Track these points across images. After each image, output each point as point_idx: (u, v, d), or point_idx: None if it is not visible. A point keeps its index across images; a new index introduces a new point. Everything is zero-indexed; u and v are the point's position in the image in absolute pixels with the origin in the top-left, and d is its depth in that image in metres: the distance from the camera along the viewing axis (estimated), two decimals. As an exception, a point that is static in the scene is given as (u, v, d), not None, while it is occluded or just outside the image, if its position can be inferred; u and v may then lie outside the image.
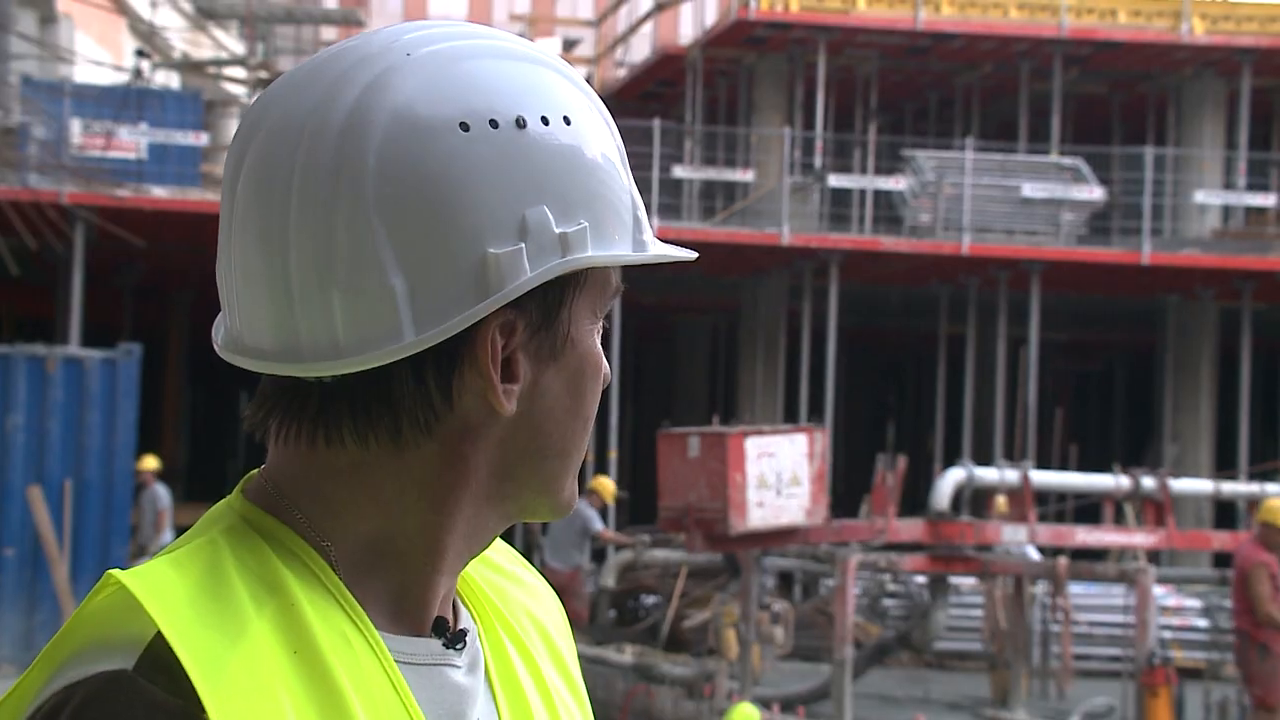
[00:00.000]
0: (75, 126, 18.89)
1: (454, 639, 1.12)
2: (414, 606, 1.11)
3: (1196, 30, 22.27)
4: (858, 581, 14.48)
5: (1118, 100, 24.77)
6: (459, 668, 1.12)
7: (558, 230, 1.07)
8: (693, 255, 1.15)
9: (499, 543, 1.26)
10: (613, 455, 20.00)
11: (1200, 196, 22.14)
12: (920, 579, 14.83)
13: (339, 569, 1.08)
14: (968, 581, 15.28)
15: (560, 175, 1.07)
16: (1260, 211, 22.82)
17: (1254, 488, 13.55)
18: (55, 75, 21.48)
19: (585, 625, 14.36)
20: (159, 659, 1.00)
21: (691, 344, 26.87)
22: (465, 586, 1.19)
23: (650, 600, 15.86)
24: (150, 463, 15.84)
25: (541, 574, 1.29)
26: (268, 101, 1.09)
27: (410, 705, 1.07)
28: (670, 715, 12.23)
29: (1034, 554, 13.58)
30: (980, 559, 12.35)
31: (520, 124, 1.07)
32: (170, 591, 1.02)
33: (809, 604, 16.27)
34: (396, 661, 1.08)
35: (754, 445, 11.11)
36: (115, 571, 1.04)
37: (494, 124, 1.06)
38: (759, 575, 12.54)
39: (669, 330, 27.18)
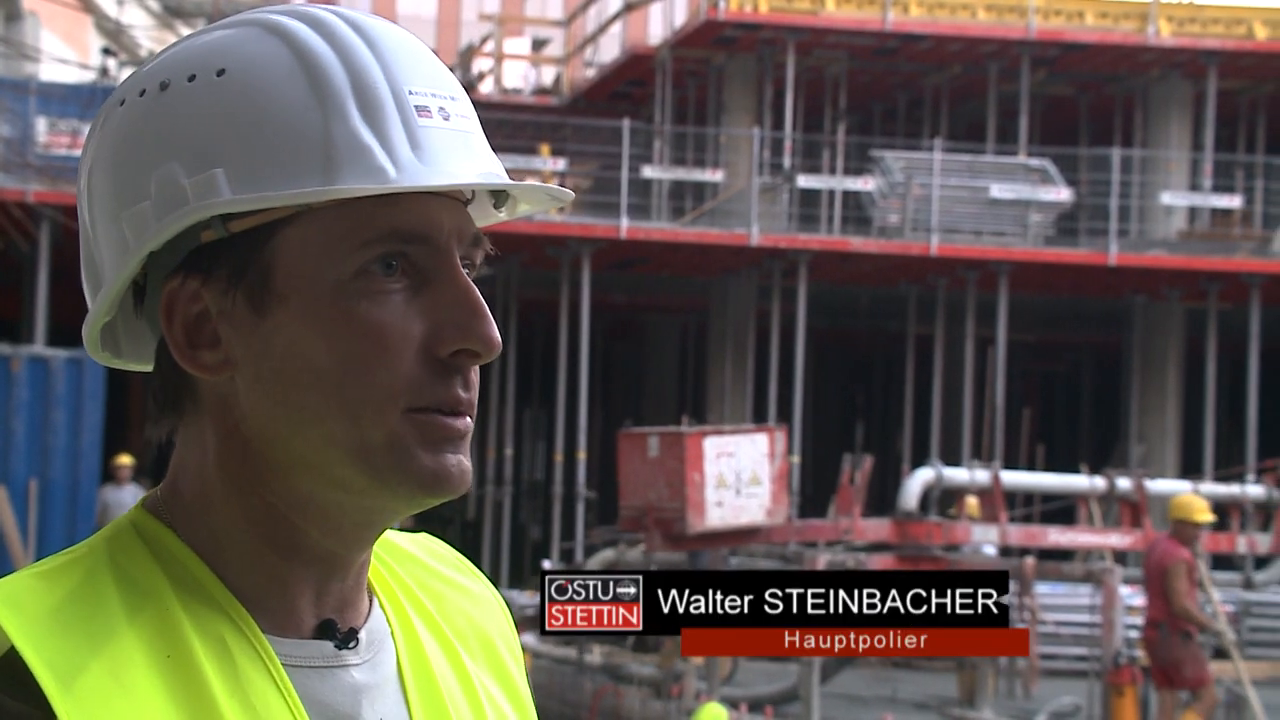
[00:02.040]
0: (41, 125, 18.78)
1: (345, 639, 1.10)
2: (286, 604, 1.09)
3: (1163, 32, 22.39)
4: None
5: (1085, 102, 24.87)
6: (354, 666, 1.10)
7: (183, 182, 1.05)
8: (352, 190, 1.04)
9: (444, 550, 1.24)
10: (581, 456, 19.99)
11: (1166, 198, 22.25)
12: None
13: (218, 569, 1.07)
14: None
15: (196, 127, 1.05)
16: (1226, 213, 22.95)
17: (1233, 489, 13.56)
18: (20, 73, 21.35)
19: None
20: (13, 669, 1.00)
21: (660, 344, 26.87)
22: (385, 585, 1.17)
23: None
24: (127, 460, 15.81)
25: None
26: None
27: (297, 709, 1.06)
28: (638, 715, 12.23)
29: (992, 552, 13.62)
30: (947, 559, 12.38)
31: (164, 86, 1.07)
32: (31, 602, 1.02)
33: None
34: (286, 665, 1.07)
35: (712, 445, 11.12)
36: None
37: (142, 93, 1.08)
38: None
39: (638, 330, 27.18)
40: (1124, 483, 13.02)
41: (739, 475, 11.10)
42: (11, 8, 22.93)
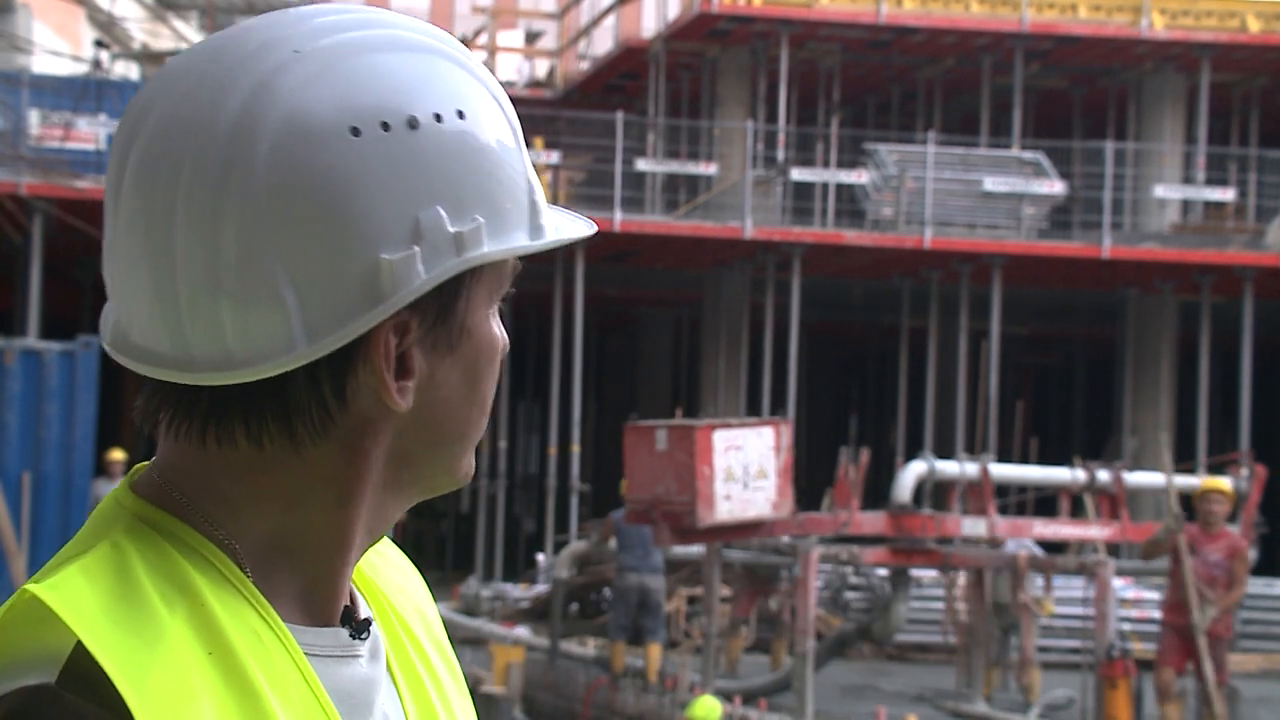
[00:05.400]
0: (33, 117, 18.75)
1: (359, 628, 1.11)
2: (323, 599, 1.10)
3: (1156, 25, 22.40)
4: (820, 574, 14.52)
5: (1078, 95, 24.89)
6: (361, 657, 1.11)
7: (452, 230, 1.05)
8: (589, 230, 1.14)
9: None
10: (575, 449, 19.98)
11: (1160, 191, 22.28)
12: (882, 571, 14.87)
13: (244, 565, 1.07)
14: (929, 574, 15.33)
15: (454, 172, 1.05)
16: (1219, 206, 22.98)
17: (1196, 481, 13.66)
18: (13, 65, 21.31)
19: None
20: (80, 671, 0.98)
21: (654, 337, 26.87)
22: (358, 574, 1.17)
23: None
24: (120, 454, 15.81)
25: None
26: (154, 94, 1.06)
27: (322, 698, 1.06)
28: (632, 708, 12.25)
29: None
30: (941, 551, 12.39)
31: (412, 124, 1.04)
32: (84, 601, 1.00)
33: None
34: (306, 654, 1.07)
35: (721, 438, 11.11)
36: (28, 585, 1.02)
37: (385, 126, 1.04)
38: (717, 567, 12.55)
39: (632, 323, 27.18)
40: (1104, 475, 13.09)
41: (746, 469, 11.10)
42: (3, 0, 22.88)
